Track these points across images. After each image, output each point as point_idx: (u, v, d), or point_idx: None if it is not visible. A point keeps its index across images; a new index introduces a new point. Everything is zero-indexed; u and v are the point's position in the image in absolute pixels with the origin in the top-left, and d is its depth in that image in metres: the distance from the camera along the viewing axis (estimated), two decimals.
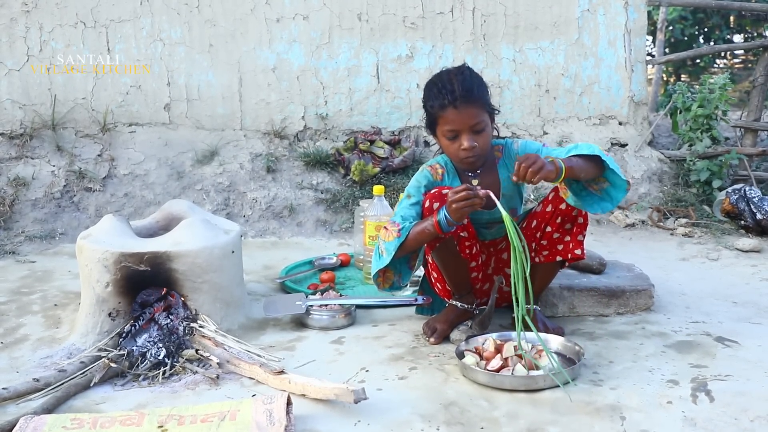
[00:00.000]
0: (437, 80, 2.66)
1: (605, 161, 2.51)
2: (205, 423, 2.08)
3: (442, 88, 2.61)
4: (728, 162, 5.12)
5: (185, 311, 2.77)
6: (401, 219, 2.64)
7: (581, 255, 2.76)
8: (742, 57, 14.73)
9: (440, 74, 2.68)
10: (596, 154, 2.50)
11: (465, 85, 2.59)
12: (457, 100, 2.57)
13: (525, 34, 5.35)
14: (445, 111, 2.60)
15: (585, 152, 2.50)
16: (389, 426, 2.13)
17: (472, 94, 2.59)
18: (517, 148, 2.78)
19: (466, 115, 2.58)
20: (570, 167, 2.43)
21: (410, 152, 5.02)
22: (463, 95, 2.57)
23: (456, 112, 2.58)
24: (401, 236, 2.59)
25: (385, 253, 2.61)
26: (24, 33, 4.91)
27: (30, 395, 2.35)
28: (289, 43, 5.16)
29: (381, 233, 2.68)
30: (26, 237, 4.36)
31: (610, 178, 2.60)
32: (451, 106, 2.58)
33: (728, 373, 2.44)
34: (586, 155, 2.51)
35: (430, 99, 2.65)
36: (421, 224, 2.58)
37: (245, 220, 4.65)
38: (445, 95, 2.59)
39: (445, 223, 2.50)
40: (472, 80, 2.63)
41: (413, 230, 2.59)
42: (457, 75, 2.62)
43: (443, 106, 2.59)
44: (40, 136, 4.91)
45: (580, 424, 2.13)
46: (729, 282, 3.61)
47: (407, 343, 2.79)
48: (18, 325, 3.05)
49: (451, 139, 2.63)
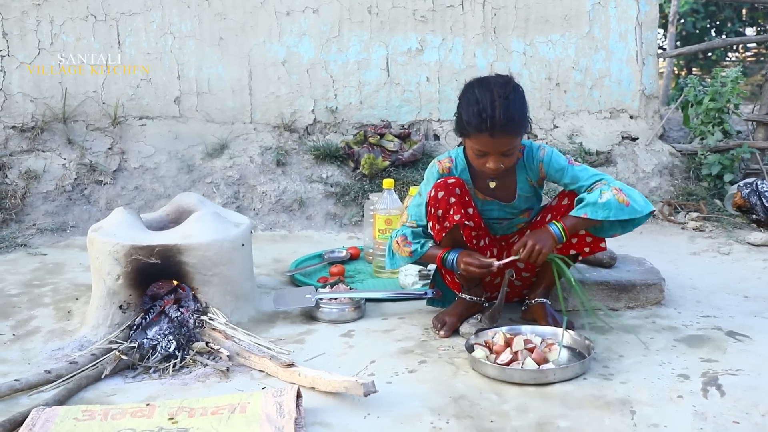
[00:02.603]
0: (480, 98, 2.49)
1: (616, 218, 2.58)
2: (216, 415, 2.09)
3: (482, 110, 2.46)
4: (740, 156, 5.09)
5: (195, 304, 2.78)
6: (413, 236, 2.75)
7: (604, 247, 2.79)
8: (755, 50, 14.62)
9: (483, 89, 2.51)
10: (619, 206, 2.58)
11: (507, 113, 2.46)
12: (495, 129, 2.47)
13: (535, 27, 5.33)
14: (480, 135, 2.50)
15: (598, 217, 2.56)
16: (399, 419, 2.14)
17: (512, 124, 2.49)
18: (542, 156, 2.70)
19: (500, 143, 2.50)
20: (571, 227, 2.59)
21: (420, 146, 5.01)
22: (502, 125, 2.46)
23: (491, 140, 2.49)
24: (412, 257, 2.76)
25: (399, 260, 2.81)
26: (35, 26, 4.92)
27: (42, 387, 2.36)
28: (299, 36, 5.16)
29: (393, 242, 2.80)
30: (37, 230, 4.38)
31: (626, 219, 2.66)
32: (487, 133, 2.48)
33: (739, 368, 2.44)
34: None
35: (468, 115, 2.52)
36: (431, 253, 2.73)
37: (255, 213, 4.66)
38: (484, 121, 2.46)
39: (450, 265, 2.69)
40: (515, 106, 2.50)
41: (423, 255, 2.75)
42: (501, 99, 2.46)
43: (479, 130, 2.49)
44: (51, 129, 4.93)
45: (590, 418, 2.13)
46: (740, 276, 3.59)
47: (417, 336, 2.79)
48: (30, 317, 3.06)
49: (479, 156, 2.57)
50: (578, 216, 2.58)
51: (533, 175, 2.73)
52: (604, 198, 2.55)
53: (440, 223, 2.63)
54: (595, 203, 2.55)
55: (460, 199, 2.61)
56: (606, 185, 2.61)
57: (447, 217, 2.61)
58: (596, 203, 2.55)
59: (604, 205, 2.54)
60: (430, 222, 2.67)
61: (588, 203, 2.57)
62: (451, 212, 2.60)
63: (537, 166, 2.71)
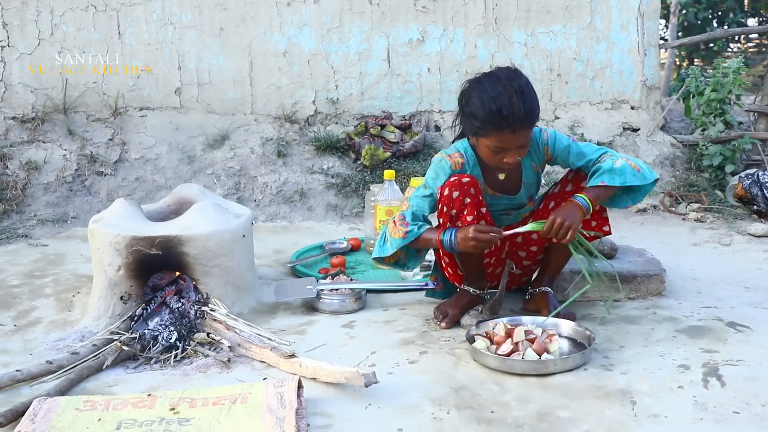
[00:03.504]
0: (495, 95, 2.42)
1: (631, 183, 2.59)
2: (217, 406, 2.09)
3: (501, 107, 2.40)
4: (741, 147, 5.08)
5: (196, 295, 2.78)
6: (412, 217, 2.66)
7: (609, 231, 2.80)
8: (756, 41, 14.60)
9: (496, 85, 2.45)
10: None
11: (526, 107, 2.42)
12: (516, 125, 2.42)
13: (537, 17, 5.31)
14: (501, 132, 2.45)
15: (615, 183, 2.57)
16: (400, 409, 2.14)
17: (531, 116, 2.45)
18: (546, 139, 2.70)
19: (520, 137, 2.47)
20: (595, 197, 2.55)
21: (421, 137, 5.01)
22: (522, 120, 2.42)
23: (512, 136, 2.45)
24: (407, 239, 2.63)
25: (389, 243, 2.67)
26: (35, 17, 4.91)
27: (43, 377, 2.37)
28: (299, 27, 5.15)
29: (389, 224, 2.72)
30: (38, 221, 4.38)
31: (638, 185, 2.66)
32: (509, 129, 2.43)
33: (740, 358, 2.44)
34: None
35: (485, 113, 2.44)
36: (428, 235, 2.63)
37: (256, 204, 4.66)
38: (506, 118, 2.40)
39: (449, 246, 2.58)
40: (532, 97, 2.47)
41: (420, 237, 2.64)
42: (517, 94, 2.41)
43: (500, 128, 2.43)
44: (51, 120, 4.92)
45: (590, 408, 2.13)
46: (741, 267, 3.59)
47: (418, 327, 2.79)
48: (31, 308, 3.07)
49: (496, 153, 2.53)
50: (597, 185, 2.59)
51: (538, 159, 2.73)
52: (618, 165, 2.59)
53: (452, 223, 2.62)
54: (611, 170, 2.59)
55: (474, 199, 2.60)
56: (614, 155, 2.66)
57: (461, 217, 2.60)
58: (612, 170, 2.59)
59: (620, 171, 2.58)
60: (442, 219, 2.65)
61: (604, 171, 2.60)
62: (465, 213, 2.59)
63: (542, 149, 2.71)
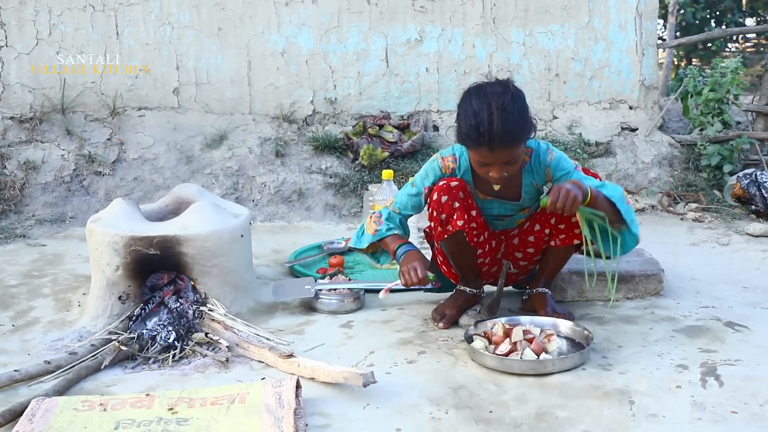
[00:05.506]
0: (477, 110, 2.39)
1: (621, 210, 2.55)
2: (215, 406, 2.09)
3: (479, 124, 2.36)
4: (739, 146, 5.08)
5: (195, 295, 2.78)
6: (387, 217, 2.75)
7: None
8: (754, 41, 14.60)
9: (481, 100, 2.41)
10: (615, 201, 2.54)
11: (505, 127, 2.36)
12: (493, 143, 2.38)
13: (535, 17, 5.31)
14: (479, 148, 2.42)
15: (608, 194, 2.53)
16: (398, 409, 2.14)
17: (509, 137, 2.38)
18: (549, 161, 2.63)
19: (500, 156, 2.42)
20: (595, 196, 2.47)
21: (419, 137, 5.00)
22: (500, 138, 2.37)
23: (490, 154, 2.42)
24: (375, 236, 2.75)
25: (364, 236, 2.80)
26: (33, 16, 4.91)
27: (41, 377, 2.36)
28: (297, 26, 5.14)
29: (369, 217, 2.82)
30: (36, 221, 4.38)
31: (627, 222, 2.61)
32: (485, 147, 2.40)
33: (738, 358, 2.44)
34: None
35: (466, 128, 2.43)
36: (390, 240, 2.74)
37: (254, 204, 4.66)
38: (482, 135, 2.37)
39: (398, 261, 2.68)
40: (513, 117, 2.38)
41: (384, 239, 2.74)
42: (498, 111, 2.36)
43: (478, 144, 2.41)
44: (49, 120, 4.92)
45: (588, 408, 2.13)
46: (739, 267, 3.59)
47: (416, 327, 2.79)
48: (29, 308, 3.06)
49: (481, 166, 2.50)
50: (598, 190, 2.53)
51: (539, 179, 2.69)
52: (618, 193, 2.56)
53: (443, 227, 2.62)
54: (613, 189, 2.57)
55: (464, 203, 2.60)
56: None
57: (450, 221, 2.60)
58: (611, 186, 2.58)
59: (618, 196, 2.55)
60: (432, 223, 2.66)
61: (606, 186, 2.57)
62: (455, 217, 2.59)
63: (544, 170, 2.65)
